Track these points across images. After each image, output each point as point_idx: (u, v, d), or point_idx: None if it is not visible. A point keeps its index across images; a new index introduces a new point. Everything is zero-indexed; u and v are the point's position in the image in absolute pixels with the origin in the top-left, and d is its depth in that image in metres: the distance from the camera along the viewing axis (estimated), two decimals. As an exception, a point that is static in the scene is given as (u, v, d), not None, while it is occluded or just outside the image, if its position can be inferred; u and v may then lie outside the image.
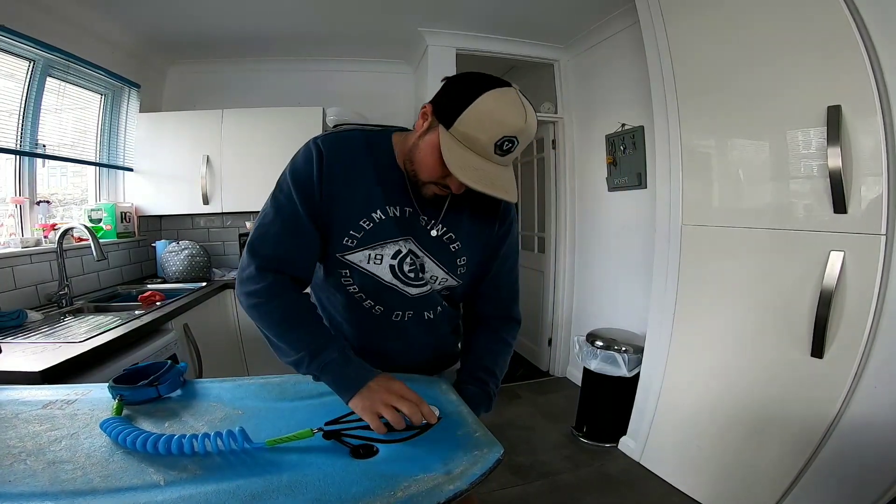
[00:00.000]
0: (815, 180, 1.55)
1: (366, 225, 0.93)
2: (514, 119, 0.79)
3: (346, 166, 0.92)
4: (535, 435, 2.65)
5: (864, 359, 1.46)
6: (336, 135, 0.96)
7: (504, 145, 0.80)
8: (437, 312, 1.06)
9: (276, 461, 0.65)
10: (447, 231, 0.98)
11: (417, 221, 0.96)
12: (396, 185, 0.94)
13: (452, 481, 0.61)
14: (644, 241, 2.61)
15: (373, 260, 0.95)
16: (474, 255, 1.03)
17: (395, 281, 0.97)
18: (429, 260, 0.98)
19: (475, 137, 0.80)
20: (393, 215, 0.94)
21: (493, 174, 0.82)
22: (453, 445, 0.71)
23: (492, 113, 0.79)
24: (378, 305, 1.00)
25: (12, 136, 2.12)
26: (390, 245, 0.95)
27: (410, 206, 0.95)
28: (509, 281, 1.11)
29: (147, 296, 2.24)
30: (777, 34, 1.63)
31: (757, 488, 1.77)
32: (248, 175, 2.97)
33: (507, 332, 1.12)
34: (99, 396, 0.88)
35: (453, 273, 1.01)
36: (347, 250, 0.94)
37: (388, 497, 0.57)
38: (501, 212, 1.04)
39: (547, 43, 3.24)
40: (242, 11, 2.61)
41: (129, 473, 0.61)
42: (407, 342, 1.07)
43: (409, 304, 1.01)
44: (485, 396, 1.01)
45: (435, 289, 1.02)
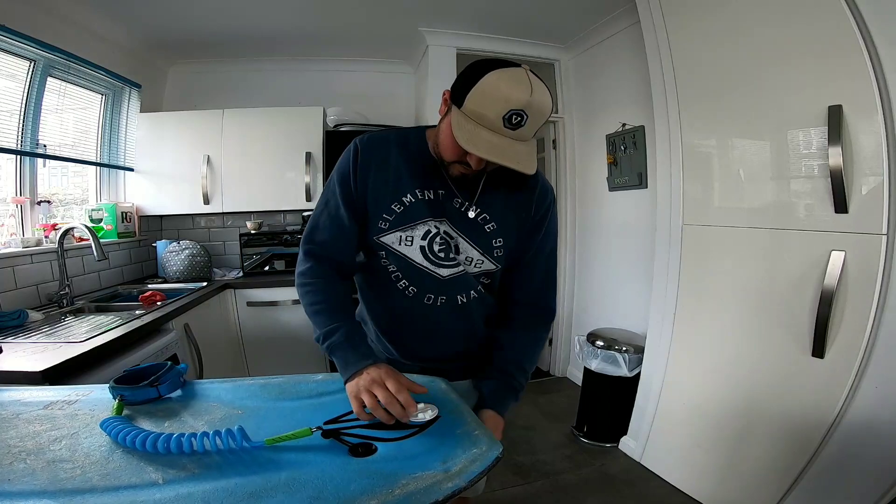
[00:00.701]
0: (816, 180, 1.55)
1: (397, 208, 1.00)
2: (519, 93, 0.82)
3: (379, 159, 1.02)
4: (536, 435, 2.65)
5: (864, 359, 1.45)
6: (371, 134, 1.06)
7: (513, 119, 0.83)
8: (470, 298, 1.06)
9: (275, 460, 0.65)
10: (482, 212, 1.02)
11: (451, 203, 1.01)
12: (429, 171, 1.01)
13: (451, 479, 0.61)
14: (645, 240, 2.61)
15: (404, 241, 1.01)
16: (510, 237, 1.05)
17: (426, 262, 1.01)
18: (463, 241, 1.02)
19: (483, 113, 0.83)
20: (424, 198, 1.00)
21: (505, 146, 0.84)
22: (452, 444, 0.70)
23: (497, 88, 0.82)
24: (412, 286, 1.04)
25: (13, 136, 2.12)
26: (420, 226, 1.00)
27: (445, 188, 1.01)
28: (546, 268, 1.12)
29: (148, 296, 2.24)
30: (778, 33, 1.63)
31: (758, 488, 1.77)
32: (248, 175, 2.98)
33: (540, 322, 1.13)
34: (100, 397, 0.89)
35: (489, 255, 1.04)
36: (381, 232, 1.01)
37: (385, 495, 0.57)
38: (538, 196, 1.07)
39: (547, 43, 3.24)
40: (243, 12, 2.61)
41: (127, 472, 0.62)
42: (438, 329, 1.08)
43: (441, 287, 1.03)
44: (510, 390, 1.03)
45: (469, 271, 1.04)
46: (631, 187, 2.79)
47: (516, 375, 1.05)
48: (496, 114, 0.82)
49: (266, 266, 3.03)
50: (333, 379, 0.97)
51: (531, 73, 0.85)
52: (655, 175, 2.32)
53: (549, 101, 0.86)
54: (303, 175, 2.99)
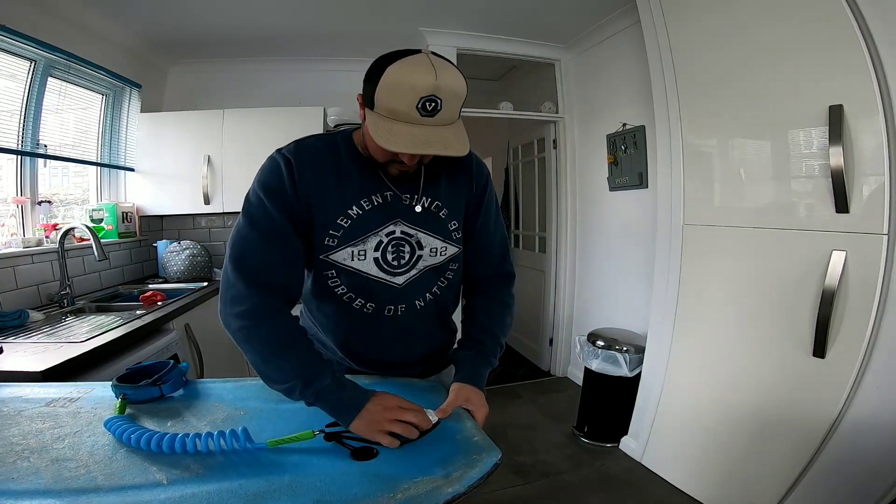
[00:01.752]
0: (817, 180, 1.55)
1: (344, 223, 0.94)
2: (424, 79, 0.78)
3: (314, 171, 0.93)
4: (537, 435, 2.65)
5: (866, 359, 1.45)
6: (296, 143, 0.97)
7: (426, 105, 0.80)
8: (427, 301, 1.05)
9: (278, 462, 0.66)
10: (432, 201, 1.01)
11: (400, 202, 0.98)
12: (367, 175, 0.97)
13: (451, 484, 0.61)
14: (645, 240, 2.61)
15: (356, 256, 0.95)
16: (460, 216, 1.06)
17: (381, 273, 0.98)
18: (423, 234, 1.00)
19: (394, 108, 0.81)
20: (371, 206, 0.96)
21: (428, 135, 0.82)
22: (452, 449, 0.71)
23: (400, 80, 0.79)
24: (369, 303, 1.00)
25: (14, 136, 2.12)
26: (371, 238, 0.96)
27: (389, 190, 0.97)
28: (497, 236, 1.14)
29: (148, 296, 2.24)
30: (779, 33, 1.63)
31: (759, 488, 1.77)
32: (249, 175, 2.87)
33: (504, 289, 1.14)
34: (101, 395, 0.89)
35: (449, 239, 1.03)
36: (330, 250, 0.95)
37: (387, 499, 0.57)
38: (475, 173, 1.07)
39: (548, 43, 3.23)
40: (244, 12, 2.61)
41: (132, 472, 0.62)
42: (404, 338, 1.06)
43: (398, 296, 1.01)
44: (480, 356, 1.03)
45: (436, 262, 1.02)
46: (631, 187, 2.79)
47: (487, 342, 1.05)
48: (408, 105, 0.80)
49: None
50: None
51: (433, 55, 0.82)
52: (656, 175, 2.32)
53: (459, 80, 0.83)
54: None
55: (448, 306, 1.13)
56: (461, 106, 0.86)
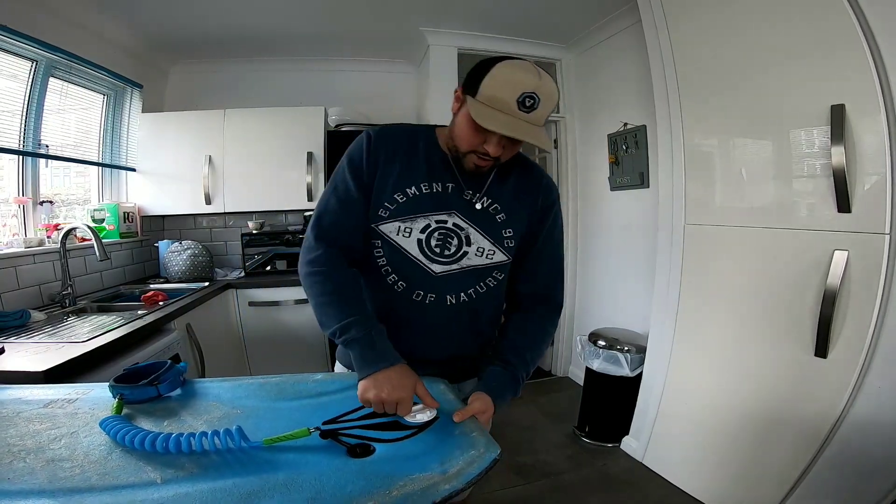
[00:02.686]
0: (819, 179, 1.54)
1: (399, 199, 1.01)
2: (529, 78, 0.88)
3: (389, 149, 1.04)
4: (538, 434, 2.64)
5: (868, 358, 1.45)
6: (386, 125, 1.09)
7: (526, 101, 0.88)
8: (460, 300, 1.05)
9: (273, 460, 0.65)
10: (492, 202, 1.05)
11: (461, 196, 1.03)
12: (438, 164, 1.04)
13: (448, 481, 0.61)
14: (646, 240, 2.60)
15: (402, 232, 1.01)
16: (519, 226, 1.08)
17: (420, 256, 1.02)
18: (474, 230, 1.03)
19: (498, 97, 0.88)
20: (431, 191, 1.02)
21: (521, 126, 0.89)
22: (451, 445, 0.70)
23: (509, 75, 0.89)
24: (401, 281, 1.03)
25: (15, 136, 2.13)
26: (420, 219, 1.01)
27: (454, 181, 1.03)
28: (552, 259, 1.14)
29: (150, 296, 2.24)
30: (780, 33, 1.62)
31: (760, 488, 1.76)
32: (250, 175, 2.98)
33: (548, 318, 1.13)
34: (100, 396, 0.89)
35: (500, 245, 1.05)
36: (381, 220, 1.02)
37: (383, 496, 0.57)
38: (543, 188, 1.11)
39: (548, 42, 3.23)
40: (245, 12, 2.62)
41: (126, 471, 0.62)
42: (429, 331, 1.06)
43: (431, 285, 1.03)
44: (509, 378, 1.01)
45: (480, 264, 1.04)
46: (632, 187, 2.78)
47: (518, 366, 1.03)
48: (511, 96, 0.87)
49: (268, 266, 3.03)
50: (332, 379, 0.97)
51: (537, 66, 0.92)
52: (657, 174, 2.32)
53: (555, 89, 0.92)
54: (304, 175, 2.99)
55: (483, 315, 1.11)
56: (549, 113, 0.93)
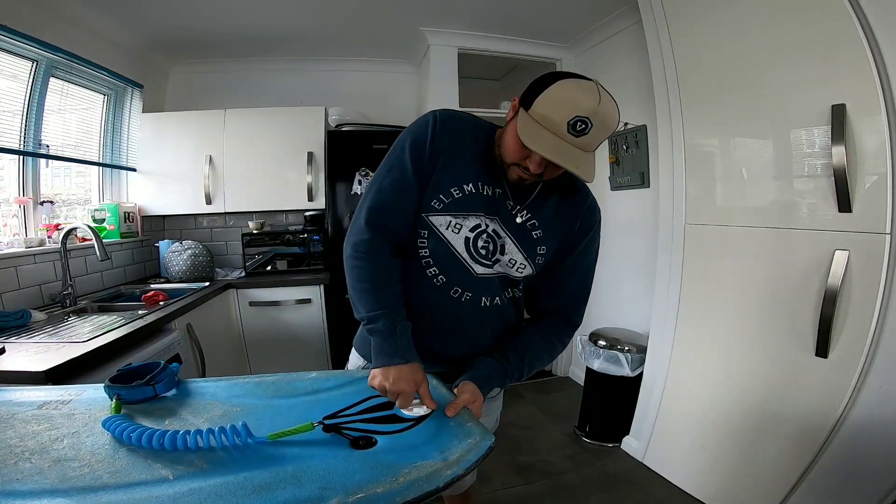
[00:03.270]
0: (820, 179, 1.55)
1: (455, 193, 1.00)
2: (587, 101, 0.84)
3: (454, 138, 1.01)
4: (538, 434, 2.65)
5: (869, 358, 1.45)
6: (453, 111, 1.05)
7: (577, 125, 0.84)
8: (493, 303, 1.07)
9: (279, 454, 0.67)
10: (531, 218, 1.04)
11: (504, 204, 1.03)
12: (492, 167, 1.02)
13: (450, 467, 0.64)
14: (647, 240, 2.61)
15: (452, 227, 1.00)
16: (552, 245, 1.07)
17: (465, 254, 1.02)
18: (510, 242, 1.03)
19: (549, 116, 0.86)
20: (483, 192, 1.01)
21: (566, 150, 0.86)
22: (448, 435, 0.74)
23: (565, 94, 0.86)
24: (442, 275, 1.03)
25: (16, 136, 2.13)
26: (472, 217, 1.01)
27: (501, 188, 1.02)
28: (580, 281, 1.13)
29: (150, 295, 2.24)
30: (780, 32, 1.63)
31: (761, 488, 1.77)
32: (250, 175, 2.98)
33: (561, 331, 1.13)
34: (93, 396, 0.89)
35: (532, 260, 1.05)
36: (433, 212, 1.00)
37: (390, 483, 0.59)
38: (585, 211, 1.09)
39: (549, 42, 3.24)
40: (245, 12, 2.62)
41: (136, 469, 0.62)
42: (457, 326, 1.07)
43: (471, 283, 1.03)
44: (498, 370, 1.02)
45: (511, 275, 1.05)
46: (633, 187, 2.79)
47: (512, 365, 1.04)
48: (562, 118, 0.84)
49: (268, 266, 3.03)
50: (327, 376, 0.99)
51: (602, 87, 0.88)
52: (658, 174, 2.32)
53: (615, 115, 0.89)
54: (305, 175, 2.99)
55: (509, 321, 1.13)
56: (603, 140, 0.90)
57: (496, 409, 1.26)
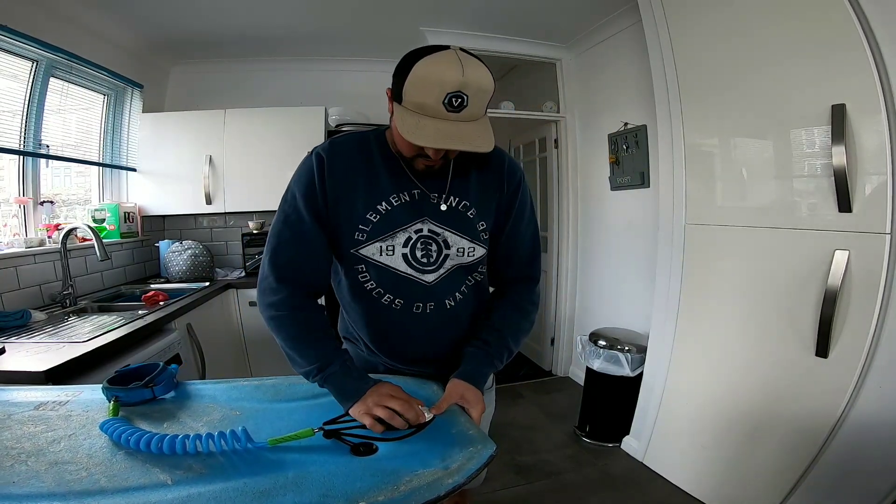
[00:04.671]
0: (820, 179, 1.55)
1: (373, 217, 0.97)
2: (451, 75, 0.80)
3: (345, 167, 0.97)
4: (538, 434, 2.65)
5: (869, 358, 1.45)
6: (331, 141, 1.01)
7: (453, 101, 0.81)
8: (457, 300, 1.05)
9: (279, 460, 0.66)
10: (460, 200, 1.01)
11: (428, 201, 0.99)
12: (398, 172, 0.99)
13: (451, 475, 0.63)
14: (647, 240, 2.61)
15: (385, 252, 0.97)
16: (490, 217, 1.05)
17: (410, 270, 0.99)
18: (450, 233, 1.00)
19: (422, 102, 0.82)
20: (400, 202, 0.98)
21: (453, 131, 0.83)
22: (449, 442, 0.72)
23: (428, 76, 0.81)
24: (398, 299, 1.01)
25: (16, 136, 2.13)
26: (400, 234, 0.98)
27: (417, 188, 0.99)
28: (529, 238, 1.12)
29: (150, 295, 2.24)
30: (781, 32, 1.62)
31: (761, 488, 1.76)
32: (250, 175, 2.98)
33: (525, 293, 1.13)
34: (91, 398, 0.89)
35: (477, 240, 1.03)
36: (359, 244, 0.97)
37: (391, 491, 0.58)
38: (507, 173, 1.06)
39: (549, 42, 3.23)
40: (245, 12, 2.61)
41: (134, 473, 0.62)
42: (433, 338, 1.06)
43: (428, 294, 1.01)
44: (485, 356, 1.02)
45: (464, 263, 1.03)
46: (633, 187, 2.78)
47: (493, 343, 1.04)
48: (435, 100, 0.81)
49: (268, 266, 3.03)
50: None
51: (461, 51, 0.84)
52: (658, 174, 2.32)
53: (486, 76, 0.84)
54: (304, 174, 2.98)
55: (479, 307, 1.12)
56: (488, 102, 0.87)
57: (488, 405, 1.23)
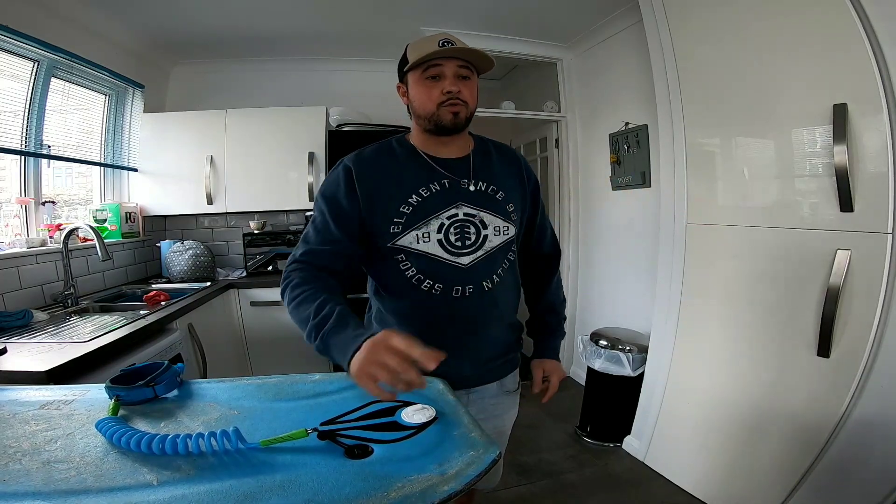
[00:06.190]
0: (821, 178, 1.54)
1: (406, 210, 1.03)
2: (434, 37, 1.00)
3: (373, 172, 1.06)
4: (540, 434, 2.64)
5: (870, 358, 1.44)
6: (357, 152, 1.10)
7: (445, 44, 0.98)
8: (494, 283, 1.09)
9: (270, 461, 0.65)
10: (487, 184, 1.10)
11: (459, 186, 1.07)
12: (424, 167, 1.08)
13: (447, 482, 0.60)
14: (648, 239, 2.60)
15: (421, 239, 1.03)
16: (516, 199, 1.15)
17: (446, 254, 1.04)
18: (485, 213, 1.08)
19: (422, 51, 0.99)
20: (430, 193, 1.05)
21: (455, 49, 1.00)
22: (449, 446, 0.70)
23: (417, 43, 1.03)
24: (437, 284, 1.04)
25: (17, 136, 2.13)
26: (433, 221, 1.04)
27: (445, 177, 1.07)
28: (548, 227, 1.32)
29: (152, 295, 2.25)
30: (781, 32, 1.61)
31: (762, 488, 1.76)
32: (251, 175, 2.99)
33: (557, 268, 1.33)
34: (96, 397, 0.89)
35: (508, 219, 1.11)
36: (396, 236, 1.04)
37: (381, 497, 0.56)
38: (524, 168, 1.21)
39: (549, 42, 3.22)
40: (246, 12, 2.62)
41: (122, 473, 0.61)
42: (472, 322, 1.08)
43: (464, 277, 1.05)
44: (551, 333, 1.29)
45: (498, 243, 1.09)
46: (634, 186, 2.77)
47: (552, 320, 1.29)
48: (431, 45, 0.98)
49: (269, 266, 3.04)
50: (331, 379, 0.97)
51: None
52: (659, 174, 2.31)
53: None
54: (306, 175, 2.99)
55: (511, 292, 1.18)
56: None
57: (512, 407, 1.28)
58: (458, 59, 1.01)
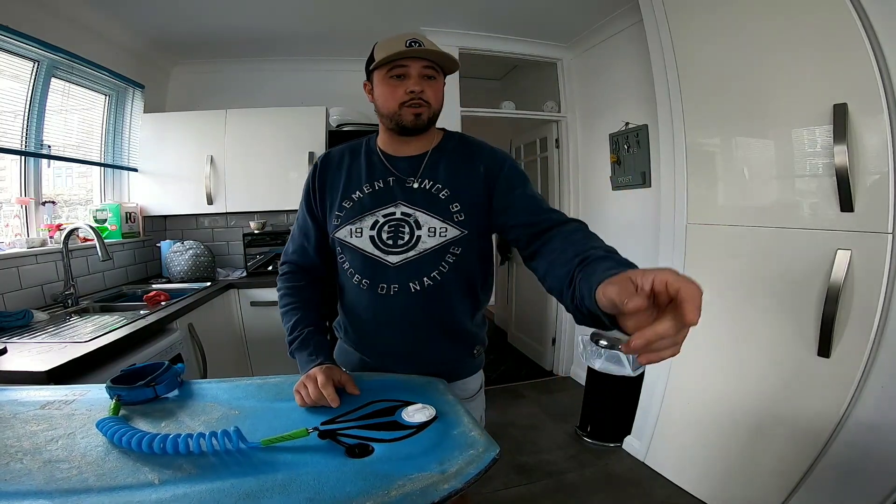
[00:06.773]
0: (822, 178, 1.54)
1: (347, 205, 1.09)
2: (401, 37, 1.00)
3: (333, 168, 1.16)
4: (540, 434, 2.64)
5: (871, 358, 1.44)
6: (329, 150, 1.22)
7: (412, 44, 0.98)
8: (425, 285, 1.05)
9: (271, 461, 0.65)
10: (432, 183, 1.08)
11: (402, 185, 1.08)
12: (377, 164, 1.12)
13: (447, 480, 0.60)
14: (648, 240, 2.59)
15: (354, 234, 1.08)
16: (467, 197, 1.06)
17: (375, 250, 1.06)
18: (420, 213, 1.06)
19: (389, 49, 0.99)
20: (371, 190, 1.09)
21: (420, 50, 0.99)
22: (449, 445, 0.70)
23: (385, 42, 1.03)
24: (365, 279, 1.08)
25: (17, 136, 2.13)
26: (367, 217, 1.07)
27: (392, 175, 1.09)
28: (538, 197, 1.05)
29: (152, 295, 2.25)
30: (782, 31, 1.61)
31: (763, 488, 1.75)
32: (251, 175, 2.98)
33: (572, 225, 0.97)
34: (97, 397, 0.89)
35: (450, 220, 1.05)
36: (336, 228, 1.10)
37: (382, 496, 0.57)
38: (486, 156, 1.10)
39: (550, 42, 3.22)
40: (246, 12, 2.62)
41: (123, 472, 0.61)
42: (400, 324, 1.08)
43: (391, 275, 1.06)
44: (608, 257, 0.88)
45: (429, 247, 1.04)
46: (634, 186, 2.77)
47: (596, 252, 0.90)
48: (398, 45, 0.98)
49: (269, 266, 3.03)
50: None
51: None
52: (659, 174, 2.31)
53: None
54: (306, 175, 2.98)
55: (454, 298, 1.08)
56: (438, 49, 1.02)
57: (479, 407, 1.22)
58: (424, 59, 1.01)
